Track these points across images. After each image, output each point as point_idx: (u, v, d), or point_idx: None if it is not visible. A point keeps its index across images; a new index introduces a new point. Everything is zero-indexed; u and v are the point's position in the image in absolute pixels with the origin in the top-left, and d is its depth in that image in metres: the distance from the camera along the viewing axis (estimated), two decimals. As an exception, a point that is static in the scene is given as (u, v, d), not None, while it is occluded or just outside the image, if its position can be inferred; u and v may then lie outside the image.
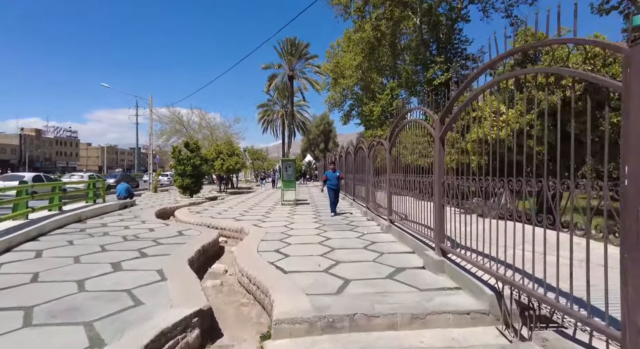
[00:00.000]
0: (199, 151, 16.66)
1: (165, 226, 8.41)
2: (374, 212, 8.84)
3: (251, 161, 48.66)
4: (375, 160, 9.12)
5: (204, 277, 5.49)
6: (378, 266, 4.74)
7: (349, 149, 14.53)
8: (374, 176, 8.95)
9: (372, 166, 9.20)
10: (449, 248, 4.29)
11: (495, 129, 5.62)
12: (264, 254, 5.49)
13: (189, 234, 7.39)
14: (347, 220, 8.98)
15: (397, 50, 29.00)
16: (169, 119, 32.84)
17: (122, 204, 12.47)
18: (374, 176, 9.01)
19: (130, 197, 13.94)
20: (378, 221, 8.16)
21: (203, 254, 6.21)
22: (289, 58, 34.39)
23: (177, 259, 5.20)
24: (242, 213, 10.72)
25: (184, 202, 14.39)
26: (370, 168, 9.28)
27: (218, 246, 7.24)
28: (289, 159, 14.04)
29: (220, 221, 9.24)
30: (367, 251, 5.60)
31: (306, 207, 12.35)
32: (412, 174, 5.80)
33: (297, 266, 4.76)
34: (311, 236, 6.88)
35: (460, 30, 20.57)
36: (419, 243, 5.37)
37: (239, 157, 21.79)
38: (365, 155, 9.80)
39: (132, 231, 7.60)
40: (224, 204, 13.93)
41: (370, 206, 9.53)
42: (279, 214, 10.34)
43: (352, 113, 35.59)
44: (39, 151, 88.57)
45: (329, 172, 10.18)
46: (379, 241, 6.31)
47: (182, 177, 15.93)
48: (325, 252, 5.53)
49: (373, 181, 9.07)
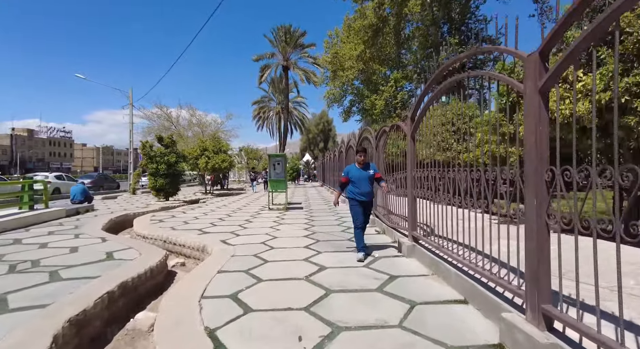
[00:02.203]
0: (175, 146, 14.34)
1: (100, 243, 6.12)
2: (386, 222, 6.55)
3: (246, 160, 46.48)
4: (387, 152, 6.84)
5: (114, 338, 3.25)
6: (413, 343, 2.46)
7: (350, 142, 12.26)
8: (385, 173, 6.66)
9: (382, 160, 6.92)
10: (569, 320, 1.99)
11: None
12: (209, 305, 3.21)
13: (121, 257, 5.11)
14: (350, 234, 6.69)
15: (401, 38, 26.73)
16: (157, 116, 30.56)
17: (74, 210, 10.17)
18: (384, 173, 6.73)
19: (89, 201, 11.65)
20: (392, 235, 5.87)
21: (125, 295, 3.93)
22: (283, 47, 31.81)
23: (49, 320, 2.91)
24: (215, 222, 8.43)
25: (154, 206, 12.09)
26: (380, 162, 7.00)
27: (161, 275, 4.95)
28: (278, 154, 11.74)
29: (180, 234, 6.96)
30: (386, 299, 3.31)
31: (298, 213, 10.06)
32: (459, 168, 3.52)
33: (260, 342, 2.48)
34: (296, 263, 4.59)
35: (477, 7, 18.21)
36: (476, 287, 3.09)
37: (227, 154, 19.47)
38: (372, 146, 7.51)
39: (41, 253, 5.30)
40: (201, 209, 11.62)
41: (379, 213, 7.23)
42: (261, 224, 8.05)
43: (352, 109, 33.38)
44: (31, 151, 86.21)
45: (353, 167, 5.07)
46: (401, 274, 4.02)
47: (154, 178, 13.62)
48: (314, 302, 3.24)
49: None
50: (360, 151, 5.05)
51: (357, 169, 5.00)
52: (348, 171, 5.09)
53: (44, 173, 20.82)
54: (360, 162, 4.99)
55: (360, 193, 4.92)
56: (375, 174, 5.04)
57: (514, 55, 2.47)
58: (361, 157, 4.98)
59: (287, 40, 31.59)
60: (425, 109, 4.53)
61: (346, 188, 5.10)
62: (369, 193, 4.99)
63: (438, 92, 4.12)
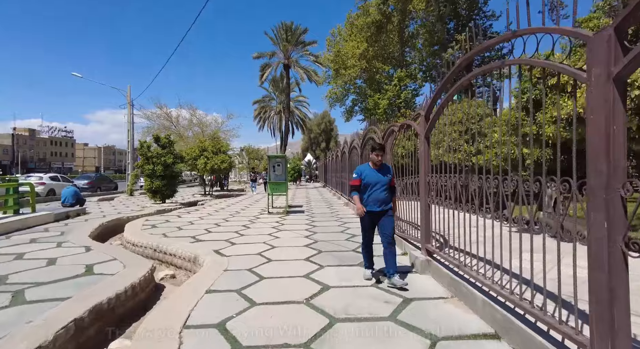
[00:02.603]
0: (172, 146, 13.84)
1: (82, 254, 5.61)
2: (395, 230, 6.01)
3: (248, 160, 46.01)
4: (395, 154, 6.31)
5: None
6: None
7: (353, 142, 11.72)
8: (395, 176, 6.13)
9: (390, 163, 6.39)
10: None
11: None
12: (191, 338, 2.69)
13: (102, 271, 4.60)
14: (355, 243, 6.16)
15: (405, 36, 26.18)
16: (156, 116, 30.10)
17: (63, 214, 9.68)
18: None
19: (81, 204, 11.17)
20: (402, 246, 5.34)
21: (100, 319, 3.42)
22: (284, 45, 31.15)
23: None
24: (210, 228, 7.92)
25: (150, 209, 11.59)
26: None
27: (146, 291, 4.44)
28: (278, 155, 11.22)
29: (171, 242, 6.45)
30: (402, 331, 2.77)
31: (298, 218, 9.54)
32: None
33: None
34: (295, 281, 4.07)
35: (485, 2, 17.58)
36: (510, 320, 2.55)
37: (227, 155, 18.96)
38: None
39: (14, 266, 4.78)
40: (197, 212, 11.11)
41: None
42: (259, 230, 7.53)
43: (354, 109, 32.84)
44: (32, 151, 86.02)
45: (366, 168, 4.14)
46: (416, 297, 3.48)
47: (151, 179, 13.12)
48: (316, 335, 2.72)
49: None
50: (377, 148, 4.00)
51: (373, 170, 4.02)
52: (361, 171, 4.06)
53: (39, 174, 20.34)
54: (377, 163, 4.01)
55: (374, 201, 3.93)
56: (391, 180, 4.09)
57: (573, 35, 1.94)
58: (378, 157, 3.97)
59: (289, 38, 30.97)
60: (444, 105, 4.00)
61: (360, 191, 4.06)
62: (385, 201, 3.96)
63: (459, 86, 3.60)
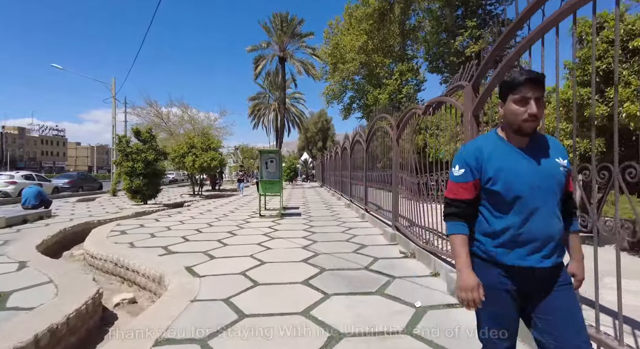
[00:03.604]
0: (154, 141, 12.48)
1: (11, 273, 4.29)
2: (415, 240, 4.74)
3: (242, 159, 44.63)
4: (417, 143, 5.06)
5: None
6: None
7: (355, 137, 10.47)
8: (410, 173, 4.87)
9: (411, 157, 5.13)
10: None
11: None
12: None
13: (20, 303, 3.30)
14: (367, 257, 4.90)
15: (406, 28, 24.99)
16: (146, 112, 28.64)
17: (20, 217, 8.32)
18: (409, 173, 4.95)
19: (46, 206, 9.80)
20: (430, 262, 4.08)
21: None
22: (279, 36, 29.68)
23: None
24: (189, 235, 6.61)
25: (127, 212, 10.25)
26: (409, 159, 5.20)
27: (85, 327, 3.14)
28: (271, 150, 9.94)
29: (137, 255, 5.14)
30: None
31: (295, 221, 8.26)
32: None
33: None
34: (291, 322, 2.78)
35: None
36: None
37: (217, 152, 17.62)
38: (394, 139, 5.72)
39: None
40: (180, 215, 9.78)
41: (400, 225, 5.45)
42: (247, 238, 6.25)
43: (352, 106, 31.61)
44: (22, 150, 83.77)
45: (491, 142, 1.38)
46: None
47: (130, 178, 11.75)
48: None
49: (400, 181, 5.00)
50: (530, 80, 1.27)
51: (514, 150, 1.35)
52: (476, 157, 1.37)
53: (10, 172, 18.85)
54: (527, 129, 1.30)
55: (525, 241, 1.31)
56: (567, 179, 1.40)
57: None
58: (535, 110, 1.27)
59: (284, 29, 29.51)
60: (505, 70, 2.75)
61: (453, 221, 1.42)
62: (556, 238, 1.34)
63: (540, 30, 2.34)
